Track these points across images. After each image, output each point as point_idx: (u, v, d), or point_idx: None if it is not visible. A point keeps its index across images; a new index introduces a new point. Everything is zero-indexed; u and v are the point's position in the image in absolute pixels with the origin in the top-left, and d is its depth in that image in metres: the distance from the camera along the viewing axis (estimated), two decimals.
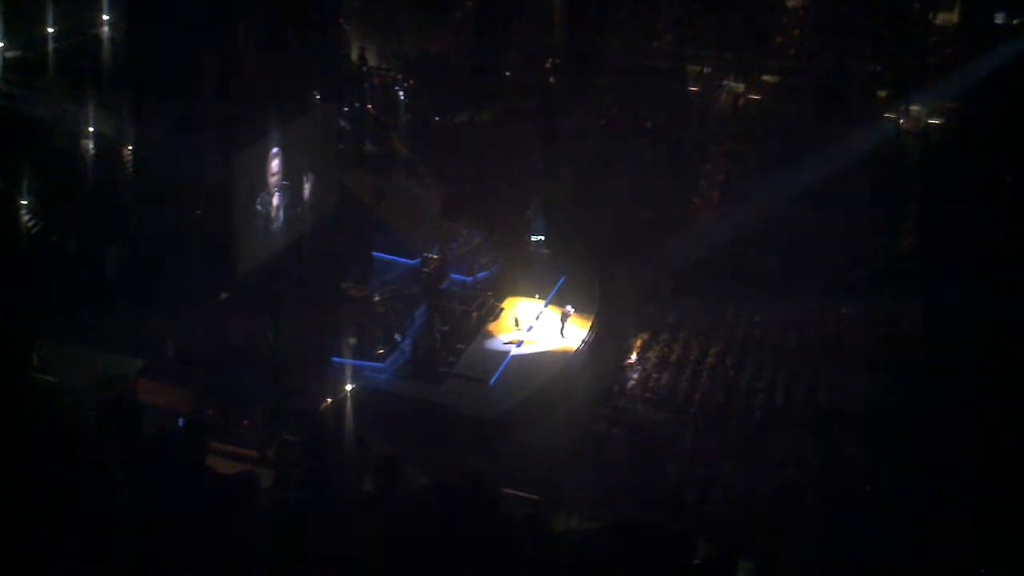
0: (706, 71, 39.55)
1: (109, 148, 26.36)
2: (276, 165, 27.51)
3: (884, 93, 37.24)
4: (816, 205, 33.83)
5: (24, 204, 24.88)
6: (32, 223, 25.11)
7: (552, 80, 39.18)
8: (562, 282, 31.27)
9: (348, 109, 34.30)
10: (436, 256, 30.72)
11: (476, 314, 29.19)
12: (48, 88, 25.85)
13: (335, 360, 25.49)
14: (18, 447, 7.20)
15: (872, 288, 30.33)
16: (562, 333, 28.88)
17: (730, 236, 32.75)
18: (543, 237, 32.59)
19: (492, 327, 29.20)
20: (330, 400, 23.38)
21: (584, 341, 28.85)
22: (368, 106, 35.65)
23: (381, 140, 35.17)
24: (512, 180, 34.18)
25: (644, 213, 34.88)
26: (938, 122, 37.16)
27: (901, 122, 36.92)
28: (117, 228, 25.73)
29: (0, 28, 25.39)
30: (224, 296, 25.84)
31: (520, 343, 28.53)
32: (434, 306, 28.83)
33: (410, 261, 31.00)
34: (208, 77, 25.18)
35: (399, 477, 8.51)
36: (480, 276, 31.33)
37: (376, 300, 28.20)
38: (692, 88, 39.45)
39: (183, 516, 7.15)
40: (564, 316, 29.02)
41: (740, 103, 39.43)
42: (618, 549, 7.39)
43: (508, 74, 38.65)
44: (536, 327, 29.39)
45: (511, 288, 30.72)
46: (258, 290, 26.07)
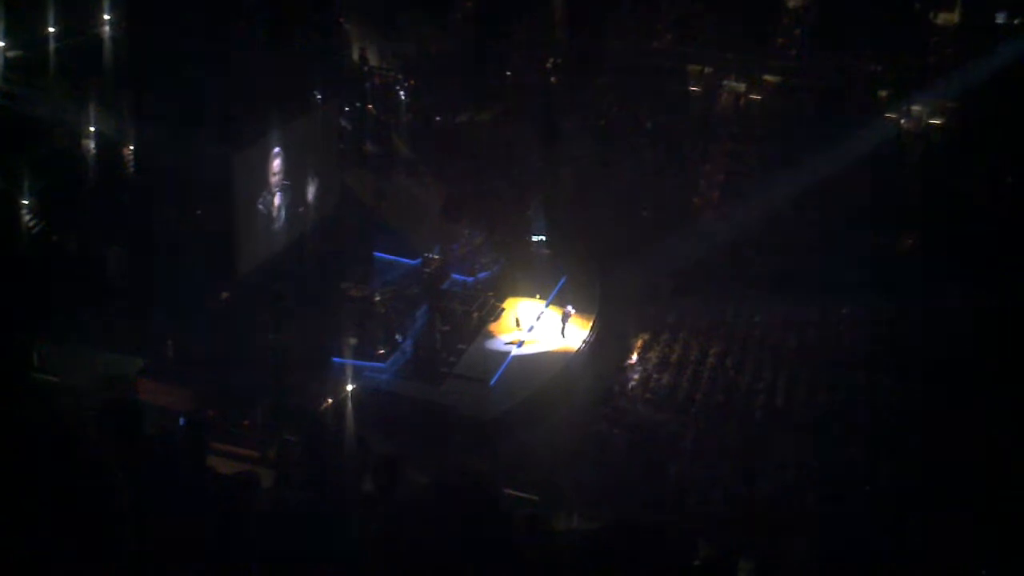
0: (707, 71, 39.52)
1: (110, 148, 26.36)
2: (277, 165, 27.52)
3: (885, 93, 37.21)
4: (816, 205, 33.89)
5: (25, 204, 24.90)
6: (33, 223, 25.12)
7: (552, 80, 39.19)
8: (563, 282, 31.28)
9: (349, 109, 34.31)
10: (437, 256, 30.71)
11: (477, 314, 29.19)
12: (49, 88, 25.84)
13: (336, 360, 25.49)
14: (18, 447, 7.20)
15: (872, 288, 30.31)
16: (563, 333, 28.88)
17: (731, 236, 32.78)
18: (544, 237, 32.58)
19: (493, 327, 29.20)
20: (331, 400, 23.38)
21: (585, 341, 28.84)
22: (369, 106, 35.65)
23: (382, 140, 35.18)
24: (513, 180, 34.21)
25: (645, 213, 34.96)
26: (939, 122, 37.14)
27: (902, 122, 36.91)
28: (118, 228, 25.74)
29: (1, 27, 25.38)
30: (225, 296, 25.85)
31: (521, 343, 28.52)
32: (435, 306, 28.82)
33: (411, 261, 31.00)
34: (209, 77, 25.16)
35: (399, 477, 8.51)
36: (481, 276, 31.34)
37: (377, 300, 28.19)
38: (693, 88, 39.43)
39: (183, 516, 7.16)
40: (565, 316, 29.02)
41: (741, 103, 39.41)
42: (618, 549, 7.39)
43: (509, 74, 38.66)
44: (537, 327, 29.39)
45: (512, 288, 30.72)
46: (259, 290, 26.10)
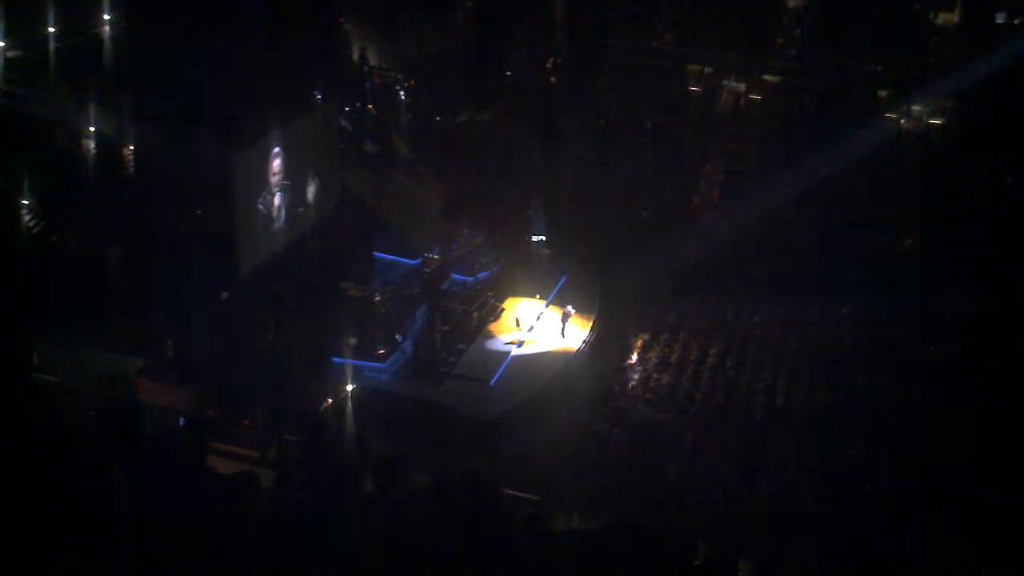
0: (707, 71, 39.53)
1: (110, 148, 26.36)
2: (277, 165, 27.50)
3: (885, 93, 37.23)
4: (817, 205, 33.88)
5: (25, 204, 24.90)
6: (33, 223, 25.12)
7: (552, 80, 39.19)
8: (563, 282, 31.28)
9: (349, 109, 34.30)
10: (437, 256, 30.71)
11: (477, 314, 29.19)
12: (49, 88, 25.82)
13: (336, 360, 25.48)
14: (18, 447, 7.20)
15: (872, 288, 30.31)
16: (563, 333, 28.87)
17: (731, 236, 32.78)
18: (544, 237, 32.58)
19: (493, 327, 29.19)
20: (331, 400, 23.38)
21: (585, 341, 28.84)
22: (369, 106, 35.64)
23: (382, 140, 35.17)
24: (513, 180, 34.21)
25: (645, 213, 34.96)
26: (939, 122, 37.15)
27: (902, 122, 36.93)
28: (118, 228, 25.74)
29: (1, 27, 25.37)
30: (225, 296, 25.84)
31: (521, 343, 28.51)
32: (435, 306, 28.82)
33: (411, 261, 30.99)
34: (209, 77, 25.16)
35: (399, 476, 8.51)
36: (481, 276, 31.34)
37: (377, 300, 28.19)
38: (693, 88, 39.45)
39: (183, 516, 7.16)
40: (565, 316, 29.01)
41: (741, 103, 39.42)
42: (618, 549, 7.38)
43: (509, 74, 38.66)
44: (537, 327, 29.39)
45: (512, 288, 30.71)
46: (259, 290, 26.09)
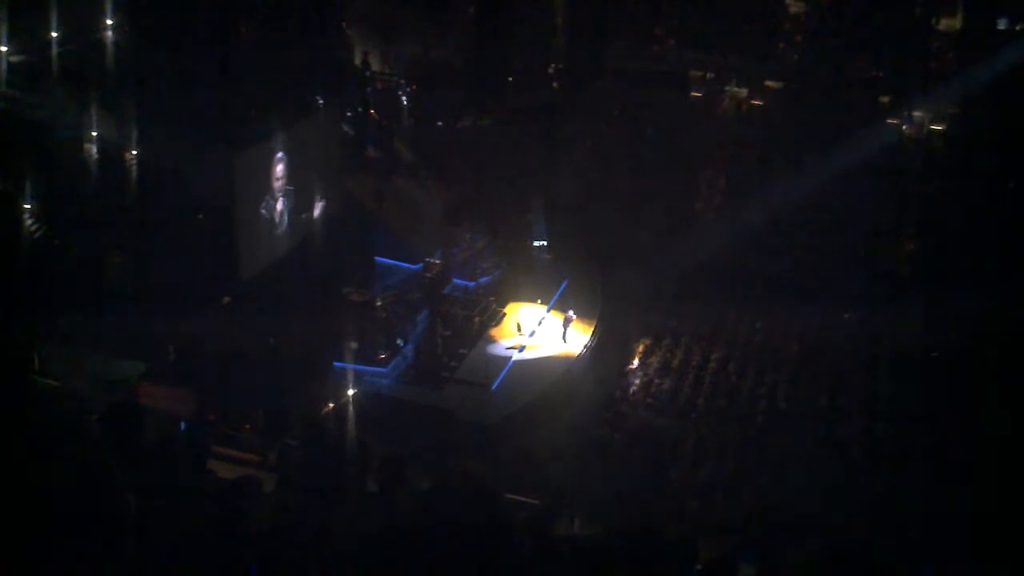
0: (709, 76, 39.57)
1: (112, 151, 26.37)
2: (280, 169, 27.52)
3: (887, 99, 37.26)
4: (818, 210, 33.88)
5: (27, 207, 24.90)
6: (35, 226, 25.12)
7: (554, 85, 39.22)
8: (564, 287, 31.27)
9: (351, 114, 34.32)
10: (438, 261, 30.74)
11: (478, 319, 29.19)
12: (51, 91, 25.86)
13: (337, 364, 25.48)
14: (19, 450, 7.20)
15: (874, 293, 30.29)
16: (564, 338, 28.87)
17: (732, 241, 32.76)
18: (545, 242, 32.59)
19: (494, 332, 29.21)
20: (332, 404, 23.35)
21: (586, 346, 28.83)
22: (371, 111, 35.69)
23: (384, 144, 35.19)
24: (514, 184, 34.21)
25: (646, 218, 34.95)
26: (941, 127, 37.16)
27: (903, 128, 36.93)
28: (120, 232, 25.74)
29: (3, 31, 25.41)
30: (226, 300, 25.83)
31: (522, 348, 28.52)
32: (436, 311, 28.82)
33: (412, 266, 31.00)
34: (211, 81, 25.18)
35: (402, 476, 8.50)
36: (482, 281, 31.35)
37: (378, 305, 28.20)
38: (695, 93, 39.48)
39: (184, 520, 7.15)
40: (566, 321, 29.01)
41: (743, 108, 39.47)
42: (619, 554, 7.37)
43: (511, 79, 38.69)
44: (538, 332, 29.39)
45: (513, 293, 30.72)
46: (260, 294, 26.08)
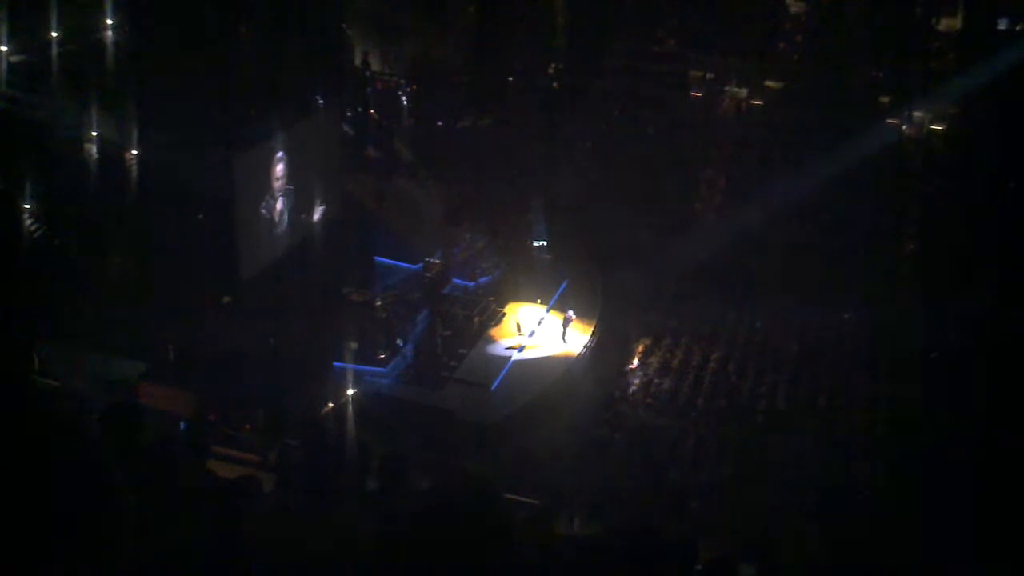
0: (708, 76, 39.55)
1: (112, 151, 26.36)
2: (280, 169, 27.52)
3: (887, 99, 37.22)
4: (818, 211, 33.85)
5: (27, 207, 24.89)
6: (35, 226, 25.12)
7: (554, 85, 39.21)
8: (564, 287, 31.26)
9: (351, 114, 34.34)
10: (438, 261, 30.73)
11: (478, 319, 29.18)
12: (51, 92, 25.85)
13: (337, 364, 25.47)
14: (18, 450, 7.21)
15: (873, 293, 30.28)
16: (564, 338, 28.86)
17: (732, 241, 32.74)
18: (545, 242, 32.58)
19: (494, 332, 29.20)
20: (332, 404, 23.34)
21: (586, 346, 28.83)
22: (371, 111, 35.69)
23: (383, 144, 35.20)
24: (514, 184, 34.20)
25: (646, 218, 34.92)
26: (941, 128, 37.14)
27: (903, 128, 36.89)
28: (119, 232, 25.73)
29: (3, 32, 25.41)
30: (226, 300, 25.83)
31: (522, 348, 28.51)
32: (436, 311, 28.82)
33: (412, 266, 31.00)
34: (211, 80, 25.18)
35: (403, 477, 8.49)
36: (482, 281, 31.34)
37: (378, 305, 28.19)
38: (695, 93, 39.46)
39: (184, 520, 7.15)
40: (566, 321, 29.00)
41: (742, 108, 39.44)
42: (619, 554, 7.36)
43: (511, 79, 38.69)
44: (538, 332, 29.38)
45: (513, 293, 30.71)
46: (260, 294, 26.07)
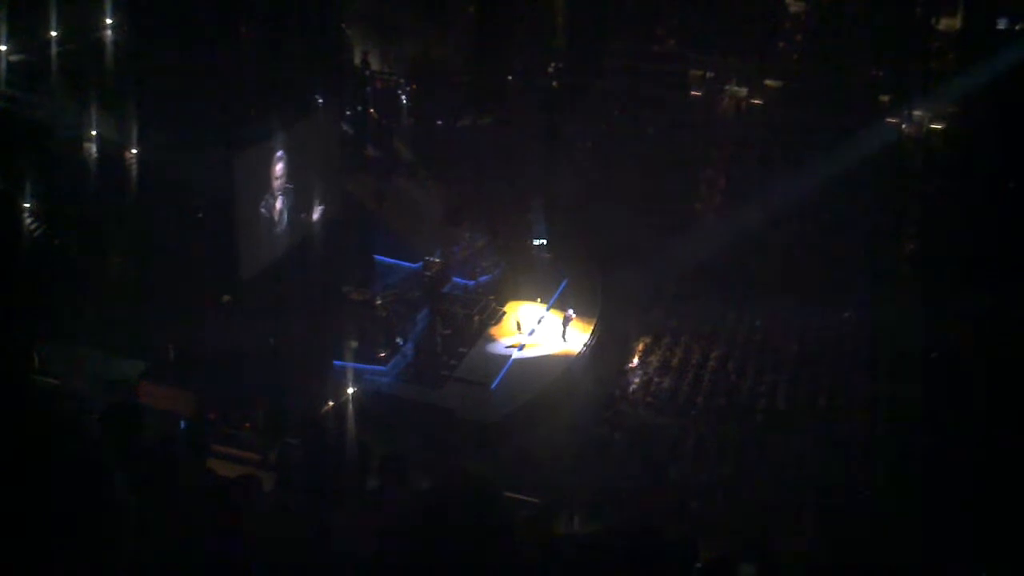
0: (708, 76, 39.57)
1: (111, 150, 26.37)
2: (280, 168, 27.53)
3: (886, 98, 37.25)
4: (818, 210, 33.88)
5: (27, 207, 24.91)
6: (35, 226, 25.13)
7: (554, 84, 39.22)
8: (564, 286, 31.28)
9: (351, 113, 34.35)
10: (438, 260, 30.74)
11: (478, 318, 29.20)
12: (51, 91, 25.86)
13: (337, 363, 25.49)
14: (18, 449, 7.21)
15: (873, 292, 30.30)
16: (564, 337, 28.88)
17: (732, 240, 32.77)
18: (545, 241, 32.60)
19: (494, 331, 29.21)
20: (332, 403, 23.37)
21: (586, 345, 28.84)
22: (371, 110, 35.70)
23: (383, 144, 35.21)
24: (514, 184, 34.22)
25: (646, 217, 34.94)
26: (940, 127, 37.16)
27: (903, 127, 36.92)
28: (119, 231, 25.74)
29: (3, 31, 25.42)
30: (226, 299, 25.84)
31: (522, 347, 28.52)
32: (436, 310, 28.83)
33: (412, 265, 31.01)
34: (210, 80, 25.18)
35: (403, 477, 8.50)
36: (482, 280, 31.36)
37: (378, 304, 28.20)
38: (694, 93, 39.47)
39: (184, 520, 7.16)
40: (566, 320, 29.01)
41: (742, 108, 39.45)
42: (618, 553, 7.37)
43: (510, 78, 38.70)
44: (538, 331, 29.39)
45: (513, 292, 30.72)
46: (260, 293, 26.08)
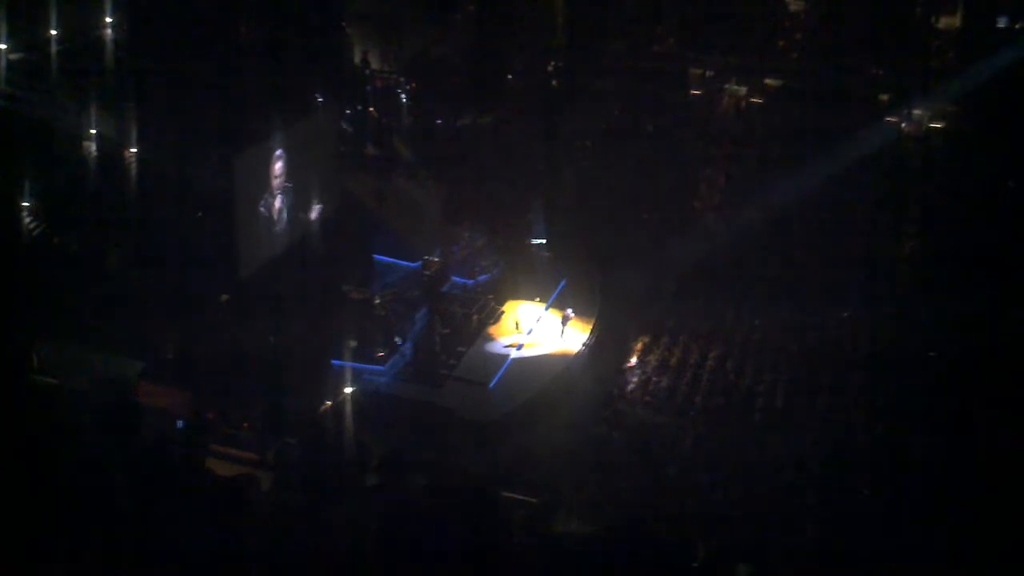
0: (708, 74, 39.52)
1: (111, 149, 26.38)
2: (279, 167, 27.52)
3: (886, 97, 37.20)
4: (818, 209, 33.85)
5: (26, 205, 24.92)
6: (34, 224, 25.14)
7: (554, 83, 39.20)
8: (563, 285, 31.28)
9: (350, 112, 34.35)
10: (437, 259, 30.74)
11: (477, 317, 29.21)
12: (51, 90, 25.87)
13: (335, 362, 25.49)
14: (18, 448, 7.22)
15: (873, 292, 30.28)
16: (562, 336, 28.88)
17: (731, 239, 32.77)
18: (544, 240, 32.59)
19: (493, 330, 29.22)
20: (330, 402, 23.38)
21: (584, 344, 28.85)
22: (370, 109, 35.69)
23: (383, 143, 35.20)
24: (513, 183, 34.21)
25: (645, 216, 34.95)
26: (940, 126, 37.13)
27: (903, 126, 36.88)
28: (118, 230, 25.75)
29: (3, 30, 25.43)
30: (224, 298, 25.84)
31: (520, 346, 28.53)
32: (435, 309, 28.83)
33: (411, 264, 31.01)
34: (210, 79, 25.19)
35: (402, 476, 8.53)
36: (481, 279, 31.36)
37: (377, 303, 28.21)
38: (694, 91, 39.44)
39: (182, 518, 7.17)
40: (565, 319, 29.03)
41: (742, 107, 39.41)
42: (617, 552, 7.39)
43: (510, 77, 38.68)
44: (537, 330, 29.39)
45: (512, 291, 30.73)
46: (259, 292, 26.08)
